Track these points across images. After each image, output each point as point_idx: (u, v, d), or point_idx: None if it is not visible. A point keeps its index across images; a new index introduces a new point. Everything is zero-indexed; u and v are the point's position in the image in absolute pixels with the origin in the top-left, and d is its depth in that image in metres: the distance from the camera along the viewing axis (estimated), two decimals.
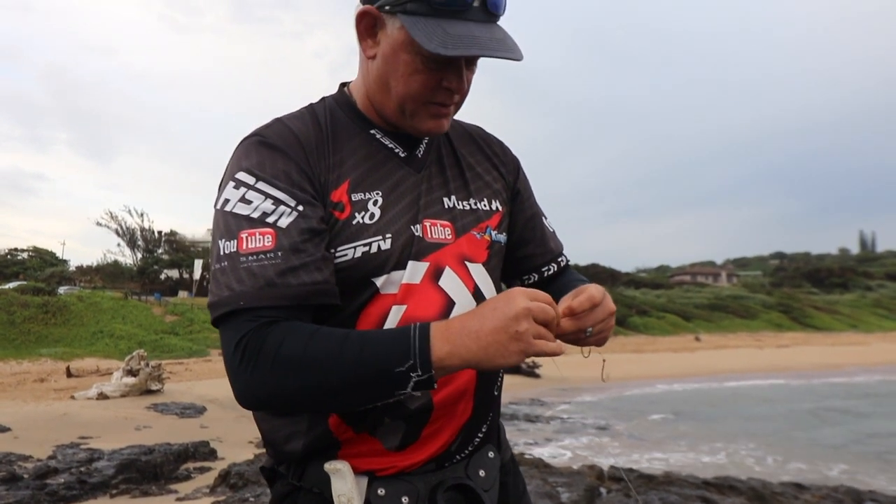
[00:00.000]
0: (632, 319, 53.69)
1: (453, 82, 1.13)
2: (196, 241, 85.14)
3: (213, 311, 1.04)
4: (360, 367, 0.96)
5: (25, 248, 69.06)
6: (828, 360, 31.28)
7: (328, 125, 1.20)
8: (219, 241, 1.06)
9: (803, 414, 15.56)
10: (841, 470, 9.46)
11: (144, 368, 15.97)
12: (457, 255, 1.20)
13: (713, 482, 6.46)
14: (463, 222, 1.24)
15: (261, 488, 5.95)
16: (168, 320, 40.15)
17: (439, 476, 1.16)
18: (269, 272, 1.01)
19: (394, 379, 0.95)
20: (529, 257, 1.40)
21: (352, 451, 1.13)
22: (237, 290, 1.01)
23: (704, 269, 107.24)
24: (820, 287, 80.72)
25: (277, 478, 1.22)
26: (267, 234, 1.03)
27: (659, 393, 19.40)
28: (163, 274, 63.14)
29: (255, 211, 1.05)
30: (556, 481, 6.19)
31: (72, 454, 8.00)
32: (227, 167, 1.14)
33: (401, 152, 1.23)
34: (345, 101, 1.25)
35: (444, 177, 1.26)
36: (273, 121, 1.19)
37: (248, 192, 1.07)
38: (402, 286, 1.13)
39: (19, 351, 30.91)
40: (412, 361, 0.94)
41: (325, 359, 0.97)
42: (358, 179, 1.16)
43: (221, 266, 1.04)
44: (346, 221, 1.12)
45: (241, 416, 13.37)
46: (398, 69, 1.13)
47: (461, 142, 1.35)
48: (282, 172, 1.09)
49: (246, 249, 1.02)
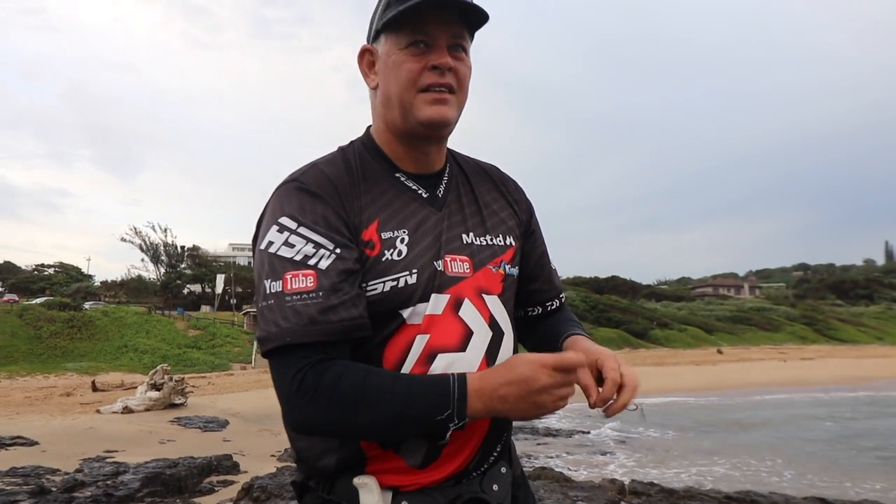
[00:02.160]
0: (653, 332, 53.29)
1: (437, 59, 1.22)
2: (218, 256, 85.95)
3: (263, 346, 1.15)
4: (406, 411, 1.09)
5: (52, 264, 70.31)
6: (854, 374, 30.75)
7: (358, 169, 1.31)
8: (265, 281, 1.17)
9: (828, 428, 15.33)
10: (866, 486, 9.32)
11: (168, 382, 16.15)
12: (475, 288, 1.30)
13: (735, 496, 6.43)
14: (480, 257, 1.34)
15: (283, 502, 6.02)
16: (191, 334, 40.56)
17: (457, 490, 1.24)
18: (312, 310, 1.12)
19: (434, 424, 1.11)
20: (537, 292, 1.51)
21: (378, 467, 1.21)
22: (284, 326, 1.12)
23: (727, 280, 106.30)
24: (844, 299, 79.59)
25: (307, 491, 1.31)
26: (309, 275, 1.14)
27: (681, 406, 19.22)
28: (185, 288, 63.75)
29: (298, 254, 1.16)
30: (576, 495, 6.20)
31: (98, 468, 8.14)
32: (268, 209, 1.25)
33: (423, 193, 1.33)
34: (371, 144, 1.36)
35: (462, 214, 1.37)
36: (309, 166, 1.30)
37: (290, 236, 1.18)
38: (425, 317, 1.23)
39: (46, 365, 31.40)
40: (450, 411, 1.09)
41: (376, 399, 1.09)
42: (386, 219, 1.26)
43: (268, 304, 1.15)
44: (376, 258, 1.22)
45: (263, 429, 13.47)
46: (390, 73, 1.26)
47: (478, 180, 1.46)
48: (321, 218, 1.20)
49: (290, 289, 1.14)
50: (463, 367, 1.22)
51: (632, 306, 59.50)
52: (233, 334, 42.22)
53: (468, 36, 1.29)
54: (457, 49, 1.26)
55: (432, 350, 1.21)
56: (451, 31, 1.24)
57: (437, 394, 1.10)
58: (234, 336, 41.75)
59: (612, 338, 48.37)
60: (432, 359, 1.21)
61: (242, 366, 35.34)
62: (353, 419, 1.10)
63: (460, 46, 1.26)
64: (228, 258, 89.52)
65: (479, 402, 1.10)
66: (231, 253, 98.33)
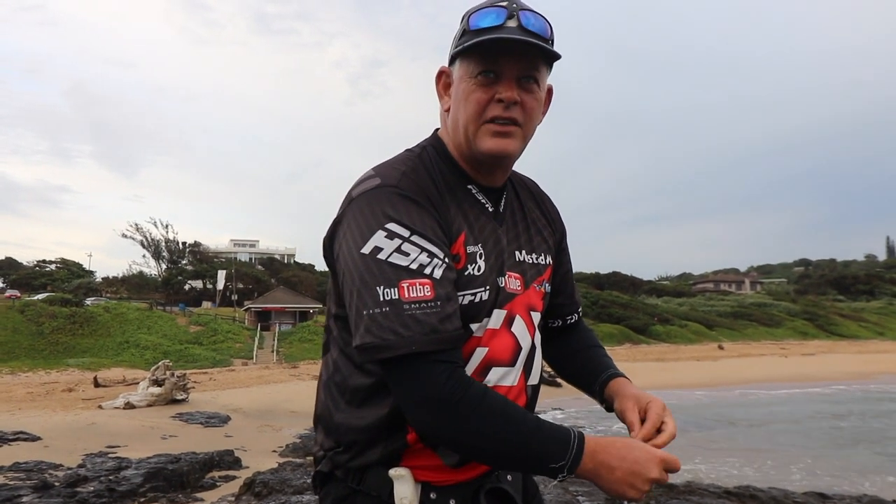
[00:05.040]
0: (654, 328, 53.28)
1: (503, 92, 1.24)
2: (219, 252, 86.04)
3: (381, 353, 1.14)
4: (530, 445, 1.13)
5: (53, 260, 70.21)
6: (855, 369, 30.76)
7: (440, 179, 1.32)
8: (375, 287, 1.15)
9: (828, 423, 15.36)
10: (866, 481, 9.34)
11: (170, 378, 16.21)
12: (525, 305, 1.36)
13: (734, 491, 6.43)
14: (530, 275, 1.40)
15: (285, 497, 6.03)
16: (192, 330, 40.57)
17: (478, 482, 1.31)
18: (433, 319, 1.13)
19: (547, 469, 1.14)
20: (561, 306, 1.58)
21: (414, 462, 1.26)
22: (405, 335, 1.12)
23: (728, 276, 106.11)
24: (846, 294, 79.55)
25: (331, 481, 1.34)
26: (426, 284, 1.15)
27: (681, 402, 19.24)
28: (187, 284, 63.80)
29: (413, 263, 1.16)
30: (576, 490, 6.21)
31: (100, 463, 8.18)
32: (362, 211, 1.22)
33: (490, 207, 1.37)
34: (444, 153, 1.37)
35: (516, 231, 1.42)
36: (397, 171, 1.28)
37: (403, 243, 1.17)
38: (486, 331, 1.28)
39: (48, 361, 31.46)
40: (565, 463, 1.13)
41: (515, 423, 1.13)
42: (469, 233, 1.30)
43: (383, 311, 1.14)
44: (461, 272, 1.25)
45: (264, 425, 13.53)
46: (460, 100, 1.28)
47: (525, 196, 1.51)
48: (430, 227, 1.21)
49: (408, 298, 1.14)
50: (509, 381, 1.29)
51: (633, 302, 59.48)
52: (234, 330, 42.27)
53: (543, 67, 1.29)
54: (528, 80, 1.26)
55: (488, 363, 1.27)
56: (521, 63, 1.24)
57: (559, 442, 1.14)
58: (235, 332, 41.80)
59: (613, 334, 48.37)
60: (487, 371, 1.27)
61: (244, 362, 35.39)
62: (490, 432, 1.12)
63: (532, 78, 1.26)
64: (229, 254, 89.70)
65: (590, 461, 1.14)
66: (232, 249, 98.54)
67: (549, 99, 1.39)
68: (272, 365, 34.40)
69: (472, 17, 1.26)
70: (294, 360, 35.61)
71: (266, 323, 46.97)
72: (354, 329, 1.18)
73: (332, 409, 1.32)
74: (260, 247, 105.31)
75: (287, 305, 51.33)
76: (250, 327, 44.90)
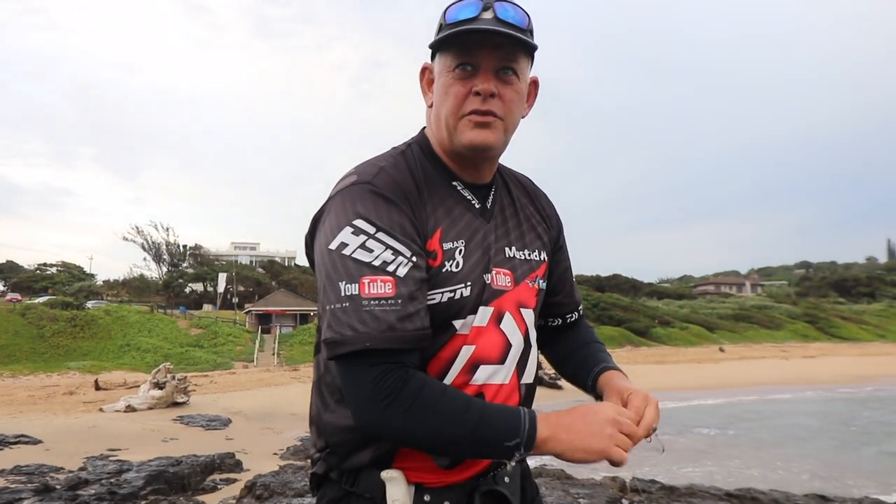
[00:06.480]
0: (655, 330, 53.25)
1: (480, 84, 1.22)
2: (220, 255, 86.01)
3: (336, 349, 1.13)
4: (478, 431, 1.11)
5: (54, 263, 70.19)
6: (856, 371, 30.77)
7: (421, 175, 1.31)
8: (338, 283, 1.15)
9: (829, 426, 15.36)
10: (868, 484, 9.33)
11: (171, 381, 16.20)
12: (515, 302, 1.34)
13: (735, 493, 6.44)
14: (521, 271, 1.38)
15: (286, 499, 6.04)
16: (193, 333, 40.64)
17: (473, 483, 1.29)
18: (391, 317, 1.12)
19: (502, 450, 1.12)
20: (560, 304, 1.57)
21: (407, 464, 1.24)
22: (361, 331, 1.11)
23: (728, 278, 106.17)
24: (847, 296, 79.41)
25: (326, 483, 1.34)
26: (388, 281, 1.13)
27: (682, 405, 19.24)
28: (187, 287, 63.84)
29: (377, 259, 1.15)
30: (577, 493, 6.22)
31: (102, 466, 8.18)
32: (335, 208, 1.22)
33: (476, 203, 1.35)
34: (429, 149, 1.36)
35: (506, 227, 1.40)
36: (375, 168, 1.27)
37: (368, 240, 1.16)
38: (472, 328, 1.26)
39: (49, 364, 31.50)
40: (519, 440, 1.11)
41: (452, 415, 1.11)
42: (447, 229, 1.28)
43: (343, 306, 1.13)
44: (437, 269, 1.24)
45: (265, 427, 13.53)
46: (440, 95, 1.28)
47: (518, 192, 1.49)
48: (398, 224, 1.19)
49: (368, 294, 1.12)
50: (499, 379, 1.27)
51: (633, 304, 59.47)
52: (235, 333, 42.31)
53: (522, 58, 1.27)
54: (506, 72, 1.25)
55: (476, 361, 1.25)
56: (498, 55, 1.23)
57: (508, 420, 1.12)
58: (236, 335, 41.84)
59: (614, 336, 48.34)
60: (475, 369, 1.25)
61: (245, 364, 35.44)
62: (427, 429, 1.11)
63: (510, 69, 1.25)
64: (230, 257, 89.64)
65: (546, 430, 1.12)
66: (233, 252, 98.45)
67: (535, 91, 1.38)
68: (273, 367, 34.44)
69: (449, 10, 1.25)
70: (295, 363, 35.65)
71: (267, 325, 47.00)
72: (321, 324, 1.18)
73: (321, 409, 1.31)
74: (261, 249, 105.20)
75: (288, 308, 51.33)
76: (251, 330, 44.94)
